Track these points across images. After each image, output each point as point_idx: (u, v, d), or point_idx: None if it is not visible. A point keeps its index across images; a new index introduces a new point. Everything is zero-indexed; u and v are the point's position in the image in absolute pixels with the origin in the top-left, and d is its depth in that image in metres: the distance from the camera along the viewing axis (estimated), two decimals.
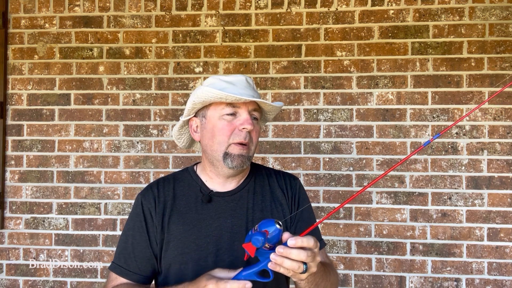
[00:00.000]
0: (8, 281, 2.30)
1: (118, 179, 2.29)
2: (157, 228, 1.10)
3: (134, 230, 1.12)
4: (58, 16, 2.36)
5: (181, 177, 1.19)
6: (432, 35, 2.21)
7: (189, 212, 1.11)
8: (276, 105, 1.13)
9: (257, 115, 1.12)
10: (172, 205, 1.12)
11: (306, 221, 1.18)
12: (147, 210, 1.12)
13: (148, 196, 1.14)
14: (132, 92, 2.32)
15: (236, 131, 1.07)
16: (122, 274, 1.11)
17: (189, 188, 1.16)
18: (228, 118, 1.08)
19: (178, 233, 1.09)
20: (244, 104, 1.08)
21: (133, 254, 1.11)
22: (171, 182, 1.17)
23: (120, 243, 1.14)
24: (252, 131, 1.09)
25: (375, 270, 2.18)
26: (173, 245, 1.08)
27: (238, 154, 1.07)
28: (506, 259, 2.13)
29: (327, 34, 2.25)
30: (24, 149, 2.33)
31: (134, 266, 1.10)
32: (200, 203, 1.12)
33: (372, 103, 2.22)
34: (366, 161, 2.21)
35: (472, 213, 2.15)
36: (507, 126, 2.16)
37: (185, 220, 1.10)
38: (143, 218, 1.12)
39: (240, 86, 1.09)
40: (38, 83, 2.35)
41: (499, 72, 2.17)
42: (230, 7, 2.29)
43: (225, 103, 1.07)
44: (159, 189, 1.15)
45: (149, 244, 1.10)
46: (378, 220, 2.19)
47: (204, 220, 1.10)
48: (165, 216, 1.11)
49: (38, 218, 2.31)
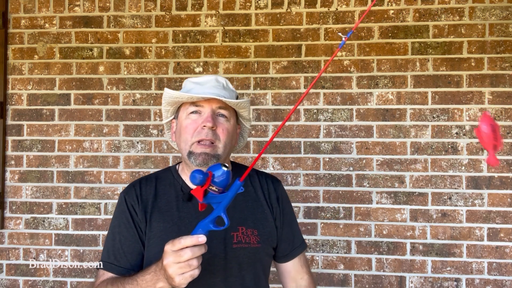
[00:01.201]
0: (8, 281, 2.30)
1: (118, 179, 2.29)
2: (142, 224, 1.12)
3: (121, 227, 1.14)
4: (58, 16, 2.36)
5: (163, 176, 1.22)
6: (432, 35, 2.21)
7: (170, 210, 1.13)
8: (238, 101, 1.13)
9: (225, 112, 1.13)
10: (153, 203, 1.14)
11: (290, 225, 1.25)
12: (131, 207, 1.14)
13: (131, 194, 1.16)
14: (132, 92, 2.32)
15: (199, 129, 1.10)
16: (112, 270, 1.11)
17: (171, 187, 1.18)
18: (193, 117, 1.11)
19: (159, 231, 1.11)
20: (208, 103, 1.10)
21: (122, 250, 1.12)
22: (153, 180, 1.20)
23: (108, 242, 1.15)
24: (218, 129, 1.10)
25: (375, 270, 2.18)
26: (153, 242, 1.10)
27: (200, 152, 1.08)
28: (506, 259, 2.13)
29: (327, 34, 2.25)
30: (24, 149, 2.33)
31: (125, 261, 1.11)
32: (181, 201, 1.14)
33: (372, 103, 2.22)
34: (366, 161, 2.21)
35: (472, 213, 2.15)
36: (507, 126, 2.16)
37: (166, 218, 1.12)
38: (129, 214, 1.13)
39: (206, 86, 1.13)
40: (38, 83, 2.35)
41: (499, 72, 2.17)
42: (230, 7, 2.29)
43: (189, 103, 1.11)
44: (141, 187, 1.18)
45: (138, 239, 1.12)
46: (378, 220, 2.19)
47: (184, 218, 1.12)
48: (147, 214, 1.13)
49: (38, 218, 2.31)
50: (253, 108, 2.27)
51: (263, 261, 1.16)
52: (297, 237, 1.26)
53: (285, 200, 1.26)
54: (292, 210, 1.29)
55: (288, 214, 1.25)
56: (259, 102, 2.27)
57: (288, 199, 1.28)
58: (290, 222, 1.25)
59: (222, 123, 1.12)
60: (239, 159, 2.25)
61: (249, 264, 1.12)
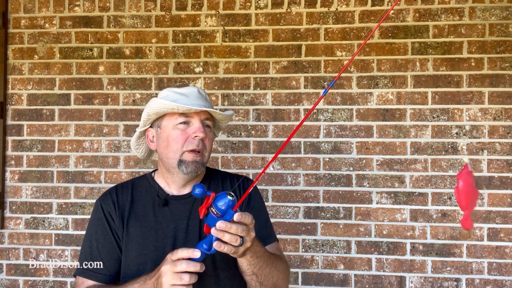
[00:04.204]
0: (8, 281, 2.30)
1: (118, 179, 2.29)
2: (118, 230, 1.16)
3: (98, 234, 1.17)
4: (58, 16, 2.36)
5: (139, 183, 1.26)
6: (432, 35, 2.21)
7: (147, 216, 1.17)
8: (226, 114, 1.21)
9: (210, 123, 1.20)
10: (130, 209, 1.18)
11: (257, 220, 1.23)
12: (108, 214, 1.17)
13: (108, 201, 1.20)
14: (132, 92, 2.32)
15: (190, 139, 1.14)
16: (90, 276, 1.14)
17: (147, 193, 1.22)
18: (182, 127, 1.15)
19: (136, 236, 1.14)
20: (196, 114, 1.15)
21: (100, 257, 1.15)
22: (129, 187, 1.24)
23: (85, 249, 1.18)
24: (205, 138, 1.16)
25: (375, 270, 2.18)
26: (131, 246, 1.14)
27: (192, 160, 1.14)
28: (506, 259, 2.13)
29: (327, 34, 2.25)
30: (24, 149, 2.33)
31: (103, 268, 1.14)
32: (158, 206, 1.18)
33: (372, 103, 2.22)
34: (366, 161, 2.21)
35: (472, 213, 2.15)
36: (507, 126, 2.16)
37: (143, 223, 1.16)
38: (105, 221, 1.17)
39: (192, 97, 1.16)
40: (38, 83, 2.35)
41: (499, 72, 2.17)
42: (230, 7, 2.29)
43: (178, 113, 1.14)
44: (117, 194, 1.21)
45: (115, 245, 1.15)
46: (378, 220, 2.19)
47: (161, 222, 1.16)
48: (124, 219, 1.16)
49: (38, 218, 2.31)
50: (253, 108, 2.27)
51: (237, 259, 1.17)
52: (263, 231, 1.24)
53: (257, 197, 1.29)
54: (263, 206, 1.31)
55: (256, 210, 1.25)
56: (259, 102, 2.27)
57: (260, 196, 1.32)
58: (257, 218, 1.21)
59: (208, 133, 1.18)
60: (239, 159, 2.25)
61: (223, 262, 1.14)
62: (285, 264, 1.20)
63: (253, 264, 1.01)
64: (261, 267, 1.04)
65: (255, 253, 1.00)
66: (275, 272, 1.09)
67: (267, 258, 1.07)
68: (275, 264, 1.11)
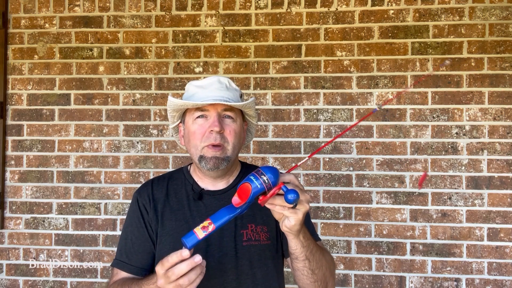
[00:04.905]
0: (8, 281, 2.30)
1: (118, 179, 2.29)
2: (152, 223, 1.15)
3: (132, 226, 1.17)
4: (58, 16, 2.36)
5: (176, 176, 1.24)
6: (432, 35, 2.21)
7: (182, 209, 1.16)
8: (242, 104, 1.13)
9: (231, 114, 1.12)
10: (165, 202, 1.17)
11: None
12: (143, 206, 1.17)
13: (143, 194, 1.19)
14: (132, 92, 2.32)
15: (207, 134, 1.09)
16: (124, 268, 1.15)
17: (182, 186, 1.20)
18: (200, 122, 1.11)
19: (171, 229, 1.13)
20: (213, 106, 1.10)
21: (133, 249, 1.15)
22: (166, 180, 1.23)
23: (121, 241, 1.19)
24: (226, 131, 1.10)
25: (375, 270, 2.18)
26: (165, 239, 1.13)
27: (211, 156, 1.09)
28: (506, 259, 2.13)
29: (327, 34, 2.25)
30: (24, 149, 2.33)
31: (136, 259, 1.15)
32: (192, 200, 1.16)
33: (372, 103, 2.22)
34: (366, 161, 2.21)
35: (472, 213, 2.15)
36: (507, 126, 2.16)
37: (177, 216, 1.15)
38: (140, 214, 1.17)
39: (210, 89, 1.12)
40: (38, 83, 2.35)
41: (499, 72, 2.17)
42: (230, 7, 2.29)
43: (195, 108, 1.11)
44: (153, 186, 1.21)
45: (148, 238, 1.15)
46: (378, 220, 2.19)
47: (195, 217, 1.14)
48: (158, 212, 1.16)
49: (38, 218, 2.31)
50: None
51: (274, 257, 1.16)
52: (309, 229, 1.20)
53: None
54: None
55: None
56: (259, 102, 2.27)
57: None
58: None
59: (229, 125, 1.11)
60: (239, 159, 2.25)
61: (260, 261, 1.12)
62: (331, 256, 1.17)
63: (305, 246, 0.97)
64: (312, 250, 1.00)
65: (305, 233, 0.97)
66: (323, 261, 1.05)
67: (316, 247, 1.03)
68: (322, 252, 1.07)
